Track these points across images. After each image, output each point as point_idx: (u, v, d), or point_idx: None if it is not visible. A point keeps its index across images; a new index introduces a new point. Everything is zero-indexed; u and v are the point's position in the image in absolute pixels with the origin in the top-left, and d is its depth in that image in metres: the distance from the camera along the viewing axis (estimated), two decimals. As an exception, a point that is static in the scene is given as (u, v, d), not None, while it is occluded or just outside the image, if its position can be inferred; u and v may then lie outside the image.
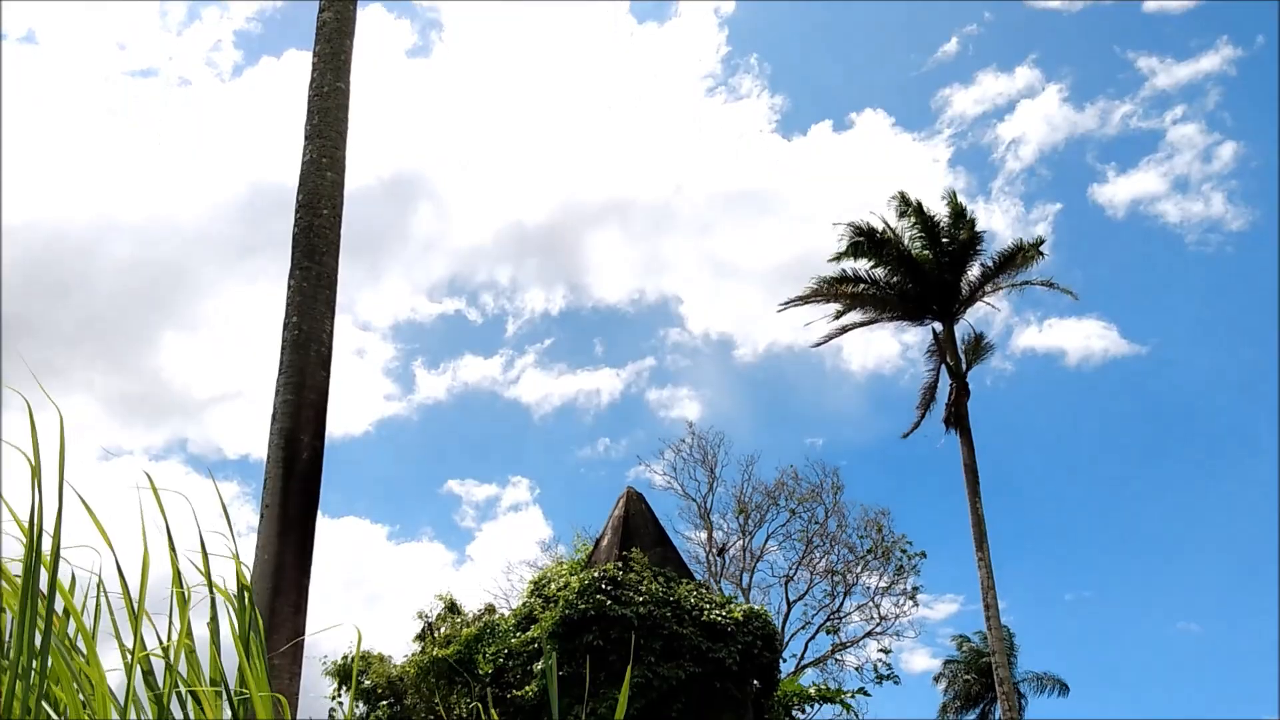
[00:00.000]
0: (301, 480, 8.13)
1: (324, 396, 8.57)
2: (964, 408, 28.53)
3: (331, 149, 9.65)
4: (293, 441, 8.22)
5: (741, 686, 15.44)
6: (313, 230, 9.19)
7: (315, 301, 8.91)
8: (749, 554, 34.22)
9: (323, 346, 8.77)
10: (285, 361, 8.67)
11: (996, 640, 26.71)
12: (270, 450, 8.30)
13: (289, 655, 7.34)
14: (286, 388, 8.49)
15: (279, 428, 8.31)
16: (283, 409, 8.42)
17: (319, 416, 8.46)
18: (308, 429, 8.32)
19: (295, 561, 7.83)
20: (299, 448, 8.17)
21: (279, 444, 8.22)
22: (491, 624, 16.47)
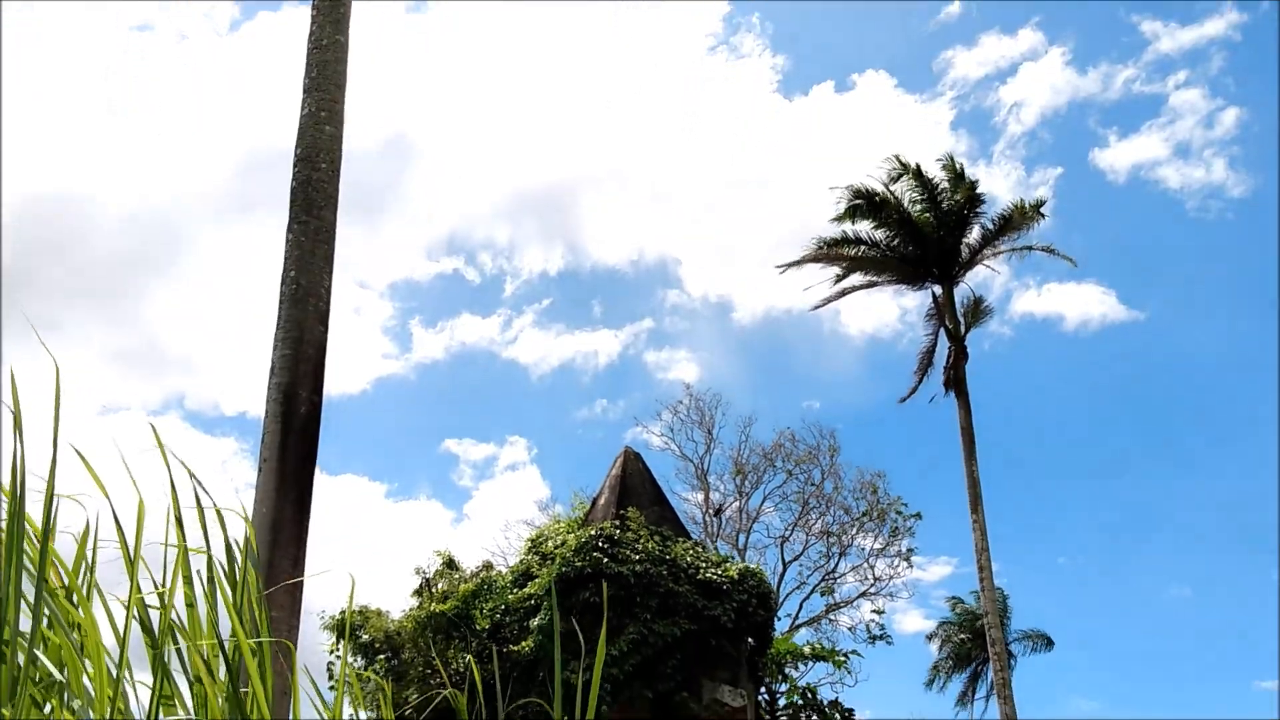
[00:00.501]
0: (300, 434, 8.14)
1: (322, 351, 8.56)
2: (962, 371, 28.54)
3: (330, 103, 9.57)
4: (291, 396, 8.22)
5: (736, 644, 15.57)
6: (311, 184, 9.13)
7: (313, 256, 8.87)
8: (745, 515, 34.39)
9: (321, 301, 8.74)
10: (283, 316, 8.65)
11: (989, 602, 26.89)
12: (268, 405, 8.30)
13: (287, 608, 7.38)
14: (284, 342, 8.47)
15: (277, 382, 8.31)
16: (281, 363, 8.41)
17: (317, 371, 8.45)
18: (306, 384, 8.31)
19: (293, 515, 7.86)
20: (297, 402, 8.17)
21: (277, 398, 8.22)
22: (489, 580, 16.56)
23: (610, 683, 13.88)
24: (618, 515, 16.05)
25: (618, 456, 17.79)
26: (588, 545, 14.83)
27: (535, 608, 14.88)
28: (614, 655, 14.02)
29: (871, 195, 28.19)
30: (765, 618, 16.07)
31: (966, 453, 27.78)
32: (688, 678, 15.08)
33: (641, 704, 14.60)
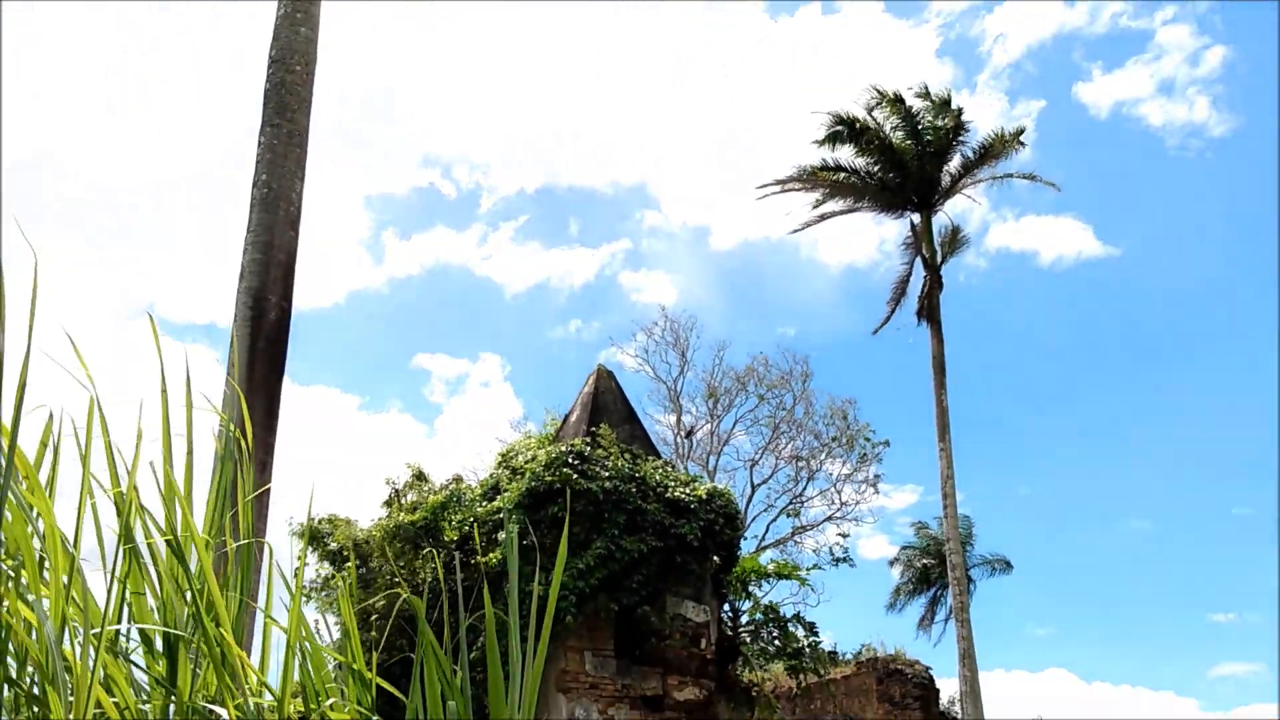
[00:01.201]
0: (269, 340, 8.11)
1: (292, 257, 8.49)
2: (936, 300, 28.67)
3: (305, 4, 9.38)
4: (260, 301, 8.17)
5: (702, 561, 15.79)
6: (284, 86, 8.98)
7: (285, 160, 8.77)
8: (716, 437, 34.69)
9: (292, 206, 8.66)
10: (253, 220, 8.57)
11: (952, 528, 27.35)
12: (237, 309, 8.26)
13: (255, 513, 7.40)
14: (254, 246, 8.41)
15: (246, 286, 8.26)
16: (250, 268, 8.35)
17: (287, 277, 8.40)
18: (275, 289, 8.27)
19: (262, 420, 7.86)
20: (266, 307, 8.13)
21: (246, 303, 8.18)
22: (458, 493, 16.66)
23: (576, 595, 14.07)
24: (589, 432, 16.12)
25: (590, 374, 17.82)
26: (558, 461, 14.91)
27: (503, 521, 15.00)
28: (580, 569, 14.20)
29: (853, 121, 28.02)
30: (731, 537, 16.28)
31: (937, 382, 28.04)
32: (653, 593, 15.31)
33: (606, 616, 14.82)
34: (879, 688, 20.62)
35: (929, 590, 39.93)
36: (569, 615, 14.07)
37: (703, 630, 15.82)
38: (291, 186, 8.70)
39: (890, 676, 20.66)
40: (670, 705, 15.15)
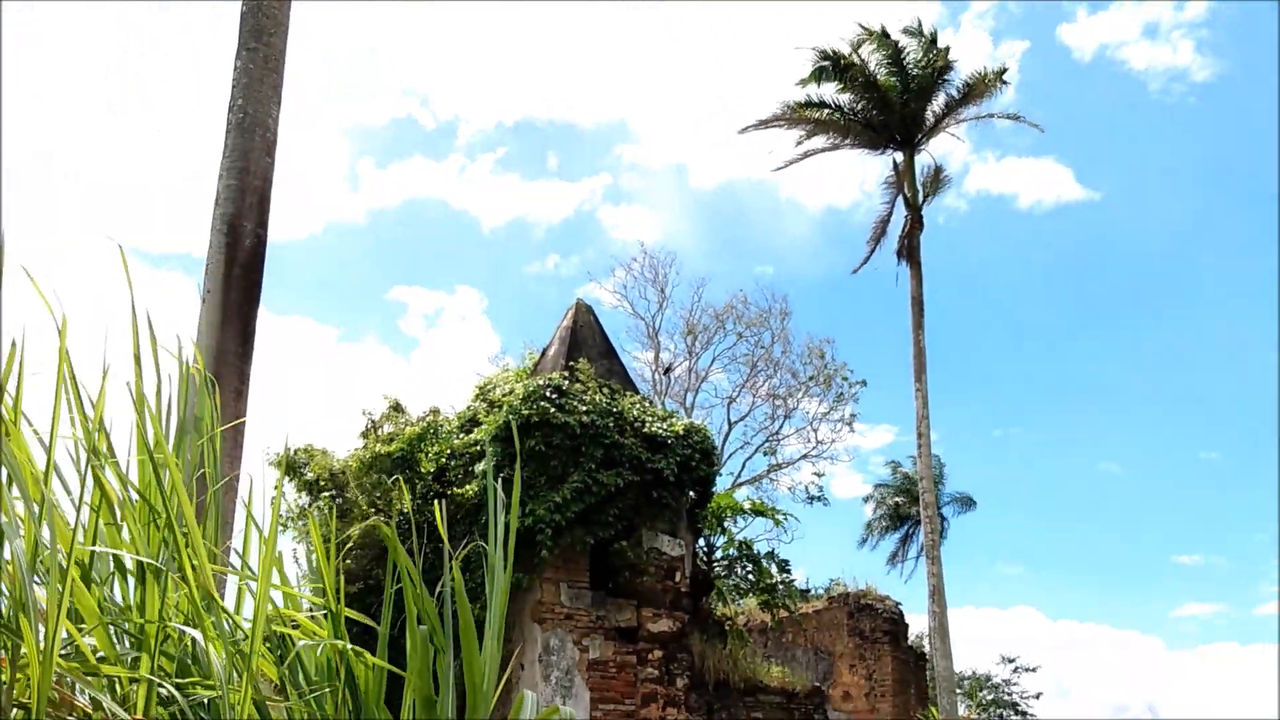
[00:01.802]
0: (244, 268, 8.00)
1: (268, 183, 8.36)
2: (916, 240, 28.62)
3: (281, -78, 9.12)
4: (235, 227, 8.05)
5: (677, 497, 15.89)
6: (260, 9, 8.77)
7: (262, 85, 8.58)
8: (694, 374, 34.72)
9: (268, 132, 8.50)
10: (229, 145, 8.42)
11: (926, 467, 27.60)
12: (212, 236, 8.13)
13: (230, 440, 7.36)
14: (230, 172, 8.26)
15: (221, 213, 8.13)
16: (225, 194, 8.22)
17: (263, 203, 8.27)
18: (251, 215, 8.14)
19: (237, 349, 7.78)
20: (241, 234, 8.01)
21: (221, 229, 8.06)
22: (435, 425, 16.64)
23: (552, 528, 14.14)
24: (567, 367, 16.10)
25: (569, 308, 17.76)
26: (535, 394, 14.89)
27: (480, 453, 15.01)
28: (556, 502, 14.26)
29: (838, 58, 27.70)
30: (707, 473, 16.37)
31: (915, 322, 28.09)
32: (628, 526, 15.42)
33: (582, 549, 14.93)
34: (849, 622, 20.93)
35: (901, 528, 40.45)
36: (545, 548, 14.16)
37: (677, 564, 15.97)
38: (268, 112, 8.53)
39: (861, 611, 20.96)
40: (644, 637, 15.33)
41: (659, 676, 15.26)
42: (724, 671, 16.47)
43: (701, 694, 15.91)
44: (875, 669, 20.31)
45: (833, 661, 20.94)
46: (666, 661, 15.40)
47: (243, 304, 7.91)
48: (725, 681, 16.42)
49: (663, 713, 15.15)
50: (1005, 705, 36.59)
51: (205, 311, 7.80)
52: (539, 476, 14.52)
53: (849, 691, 20.34)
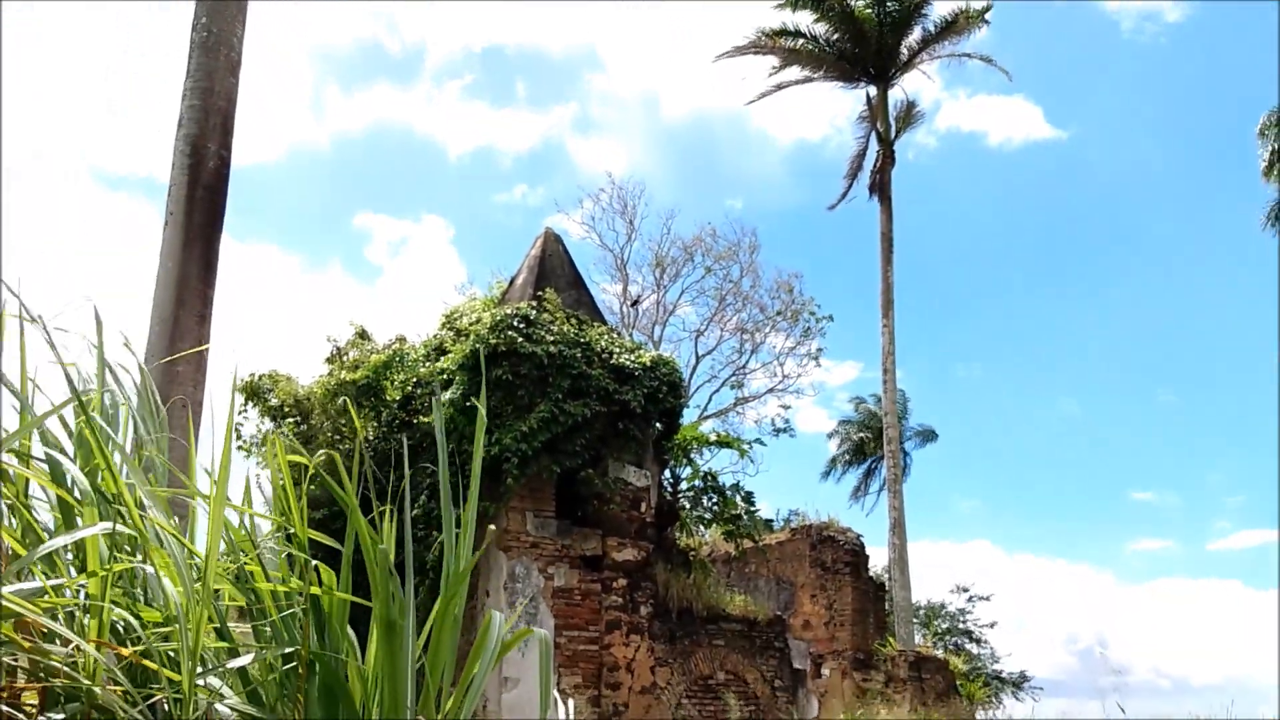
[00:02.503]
0: (207, 190, 7.86)
1: (232, 104, 8.18)
2: (888, 176, 28.61)
3: None
4: (199, 149, 7.89)
5: (644, 428, 15.95)
6: (224, -78, 8.51)
7: (227, 3, 8.37)
8: (662, 307, 34.65)
9: (233, 51, 8.30)
10: (193, 65, 8.22)
11: (890, 403, 27.88)
12: (175, 157, 7.98)
13: (194, 364, 7.30)
14: (193, 92, 8.08)
15: (185, 134, 7.96)
16: (189, 114, 8.04)
17: (227, 125, 8.10)
18: (215, 137, 7.98)
19: (200, 273, 7.67)
20: (205, 156, 7.85)
21: (184, 150, 7.89)
22: (401, 353, 16.56)
23: (518, 457, 14.17)
24: (535, 296, 16.03)
25: (537, 238, 17.63)
26: (503, 323, 14.83)
27: (447, 382, 14.97)
28: (523, 431, 14.28)
29: (815, -15, 27.41)
30: (674, 405, 16.43)
31: (884, 258, 28.17)
32: (595, 457, 15.49)
33: (548, 478, 15.00)
34: (811, 553, 21.22)
35: (864, 462, 40.94)
36: (511, 476, 14.20)
37: (643, 494, 16.09)
38: (232, 30, 8.32)
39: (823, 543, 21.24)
40: (609, 565, 15.49)
41: (623, 604, 15.45)
42: (687, 600, 16.70)
43: (665, 622, 16.13)
44: (835, 599, 20.65)
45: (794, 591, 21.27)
46: (631, 590, 15.58)
47: (206, 227, 7.79)
48: (688, 610, 16.66)
49: (626, 640, 15.36)
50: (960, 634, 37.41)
51: (168, 234, 7.67)
52: (506, 406, 14.52)
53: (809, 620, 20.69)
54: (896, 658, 19.93)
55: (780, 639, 18.13)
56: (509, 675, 14.06)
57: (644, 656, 15.53)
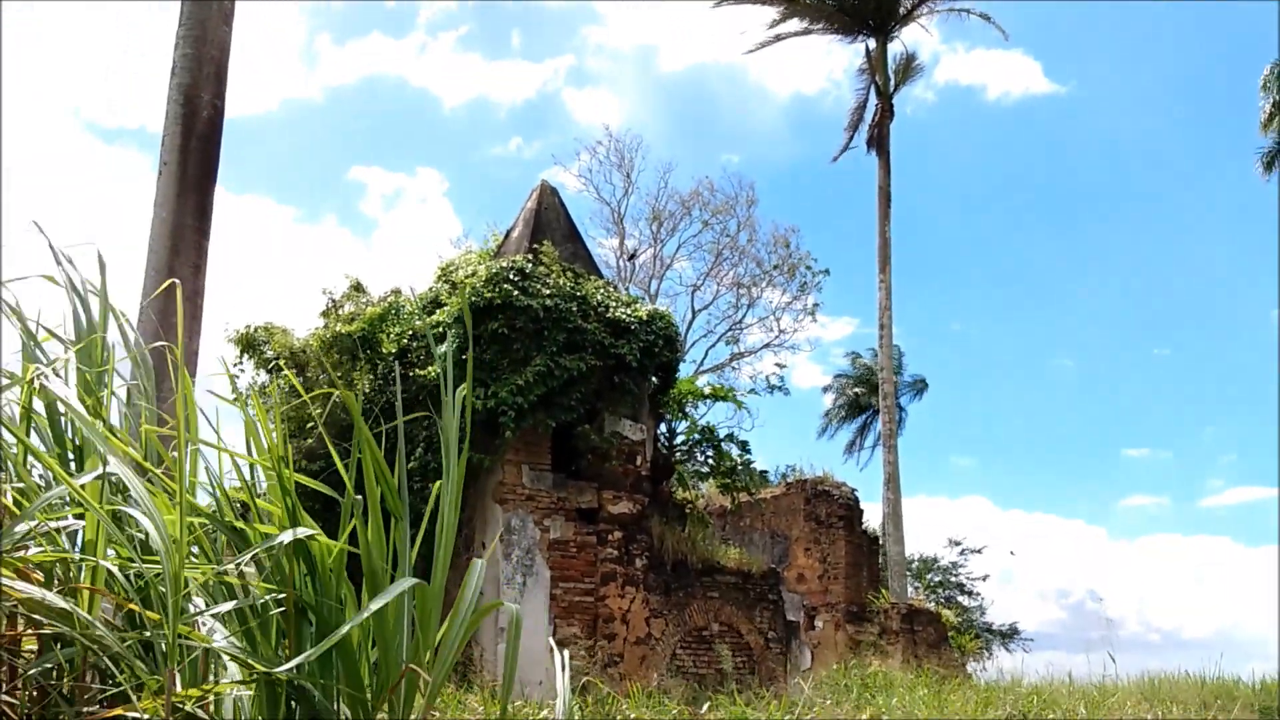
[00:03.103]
0: (201, 140, 7.81)
1: (225, 53, 8.11)
2: (886, 130, 28.43)
3: None
4: (192, 99, 7.83)
5: (640, 382, 15.98)
6: None
7: (218, -51, 8.27)
8: (659, 261, 34.56)
9: (225, 0, 8.22)
10: (185, 13, 8.14)
11: (886, 358, 27.91)
12: (169, 106, 7.92)
13: (188, 314, 7.29)
14: (186, 40, 8.00)
15: (178, 83, 7.89)
16: (182, 63, 7.97)
17: (220, 74, 8.03)
18: (208, 87, 7.91)
19: (194, 223, 7.64)
20: (198, 105, 7.79)
21: (178, 100, 7.83)
22: (397, 306, 16.54)
23: (514, 410, 14.20)
24: (531, 249, 15.99)
25: (533, 190, 17.55)
26: (498, 276, 14.80)
27: (442, 335, 14.97)
28: (518, 385, 14.29)
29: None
30: (670, 359, 16.45)
31: (881, 213, 28.07)
32: (591, 410, 15.52)
33: (544, 432, 15.04)
34: (806, 507, 21.31)
35: (859, 418, 41.05)
36: (507, 430, 14.24)
37: (638, 448, 16.15)
38: (224, -23, 8.23)
39: (817, 497, 21.33)
40: (604, 518, 15.58)
41: (618, 556, 15.57)
42: (682, 553, 16.82)
43: (660, 574, 16.26)
44: (829, 552, 20.78)
45: (788, 545, 21.41)
46: (626, 542, 15.69)
47: (200, 177, 7.75)
48: (683, 562, 16.78)
49: (621, 591, 15.49)
50: (953, 587, 37.71)
51: (162, 184, 7.63)
52: (501, 359, 14.53)
53: (803, 574, 20.84)
54: (889, 610, 20.10)
55: (774, 591, 18.29)
56: (505, 626, 14.19)
57: (639, 608, 15.66)
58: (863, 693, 12.19)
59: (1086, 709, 10.71)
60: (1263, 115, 29.78)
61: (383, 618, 2.88)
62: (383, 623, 2.89)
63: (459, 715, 7.69)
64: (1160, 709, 10.93)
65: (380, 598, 2.75)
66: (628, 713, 8.54)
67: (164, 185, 7.60)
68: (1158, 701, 11.91)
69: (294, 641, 2.89)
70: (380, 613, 2.85)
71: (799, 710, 8.57)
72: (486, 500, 14.84)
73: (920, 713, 9.47)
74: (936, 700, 11.02)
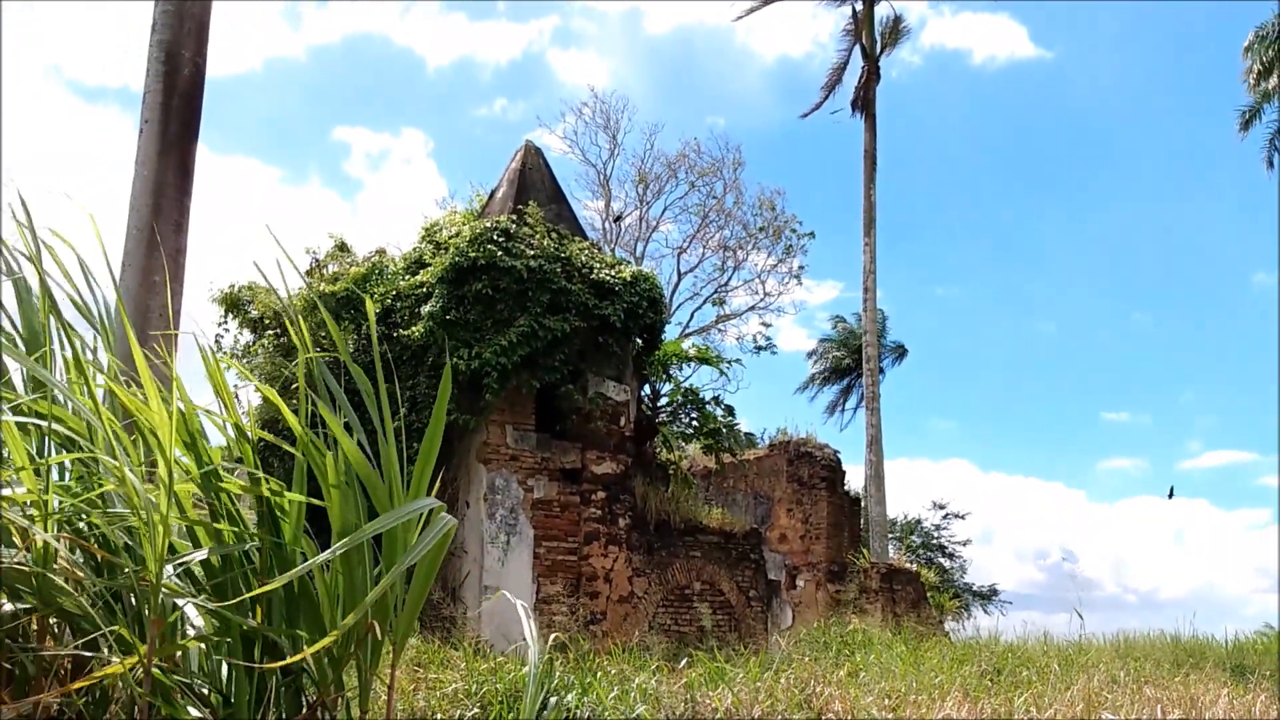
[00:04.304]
0: (182, 98, 7.78)
1: (207, 9, 8.06)
2: (872, 92, 28.38)
3: None
4: (173, 55, 7.79)
5: (624, 343, 16.03)
6: None
7: (199, -97, 8.19)
8: (645, 224, 34.52)
9: (206, -45, 8.15)
10: (165, -33, 8.08)
11: (871, 321, 28.03)
12: (149, 64, 7.88)
13: (171, 273, 7.29)
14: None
15: (159, 39, 7.85)
16: (163, 19, 7.92)
17: (201, 31, 7.99)
18: (189, 43, 7.87)
19: (176, 181, 7.63)
20: (180, 62, 7.76)
21: (159, 57, 7.79)
22: (381, 266, 16.52)
23: (498, 371, 14.24)
24: (515, 210, 15.97)
25: (518, 150, 17.50)
26: (483, 237, 14.79)
27: (427, 295, 14.96)
28: (502, 345, 14.32)
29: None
30: (655, 320, 16.49)
31: (867, 176, 28.08)
32: (575, 372, 15.57)
33: (528, 393, 15.10)
34: (789, 469, 21.49)
35: (841, 380, 41.22)
36: (490, 390, 14.29)
37: (622, 409, 16.24)
38: (205, -67, 8.17)
39: (800, 459, 21.51)
40: (588, 478, 15.68)
41: (602, 516, 15.69)
42: (665, 513, 16.96)
43: (643, 534, 16.40)
44: (811, 513, 20.99)
45: (771, 506, 21.60)
46: (610, 502, 15.80)
47: (182, 135, 7.72)
48: (666, 522, 16.92)
49: (605, 550, 15.63)
50: (934, 549, 38.07)
51: (143, 142, 7.60)
52: (485, 320, 14.55)
53: (785, 534, 21.04)
54: (869, 570, 20.34)
55: (756, 551, 18.46)
56: (489, 584, 14.33)
57: (622, 567, 15.81)
58: (841, 649, 12.38)
59: (1060, 666, 10.91)
60: (1250, 77, 29.74)
61: (349, 569, 2.93)
62: (350, 573, 2.94)
63: (441, 673, 7.80)
64: (1133, 666, 11.14)
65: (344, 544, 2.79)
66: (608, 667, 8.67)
67: (145, 143, 7.57)
68: (1131, 659, 12.14)
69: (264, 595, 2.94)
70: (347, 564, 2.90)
71: (777, 665, 8.72)
72: (470, 460, 14.92)
73: (897, 669, 9.64)
74: (913, 657, 11.21)
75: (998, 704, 7.61)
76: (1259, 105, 28.83)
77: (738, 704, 6.55)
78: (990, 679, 9.96)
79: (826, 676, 8.03)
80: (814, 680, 7.66)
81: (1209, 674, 11.22)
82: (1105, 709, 7.17)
